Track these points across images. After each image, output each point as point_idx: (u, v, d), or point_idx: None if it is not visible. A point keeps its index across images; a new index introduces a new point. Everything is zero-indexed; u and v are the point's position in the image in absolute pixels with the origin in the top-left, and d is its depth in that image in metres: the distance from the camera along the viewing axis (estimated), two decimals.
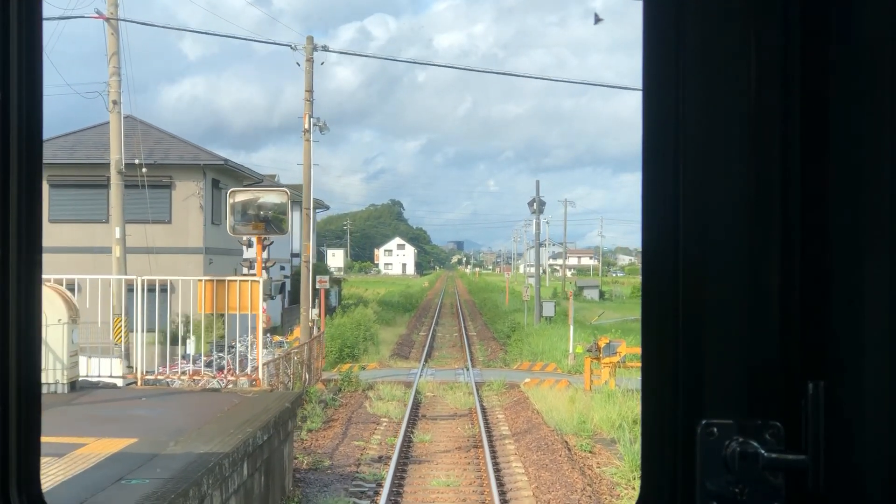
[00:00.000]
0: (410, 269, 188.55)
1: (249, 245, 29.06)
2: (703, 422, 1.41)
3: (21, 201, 1.56)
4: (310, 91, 23.97)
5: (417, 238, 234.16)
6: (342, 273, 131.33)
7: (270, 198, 17.60)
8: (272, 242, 30.38)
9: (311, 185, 25.29)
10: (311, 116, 24.16)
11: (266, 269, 30.17)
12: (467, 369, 28.45)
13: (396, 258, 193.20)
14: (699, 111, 1.43)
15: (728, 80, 1.43)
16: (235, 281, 13.49)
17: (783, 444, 1.40)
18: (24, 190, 1.57)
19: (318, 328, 30.01)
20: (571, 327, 29.22)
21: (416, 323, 52.53)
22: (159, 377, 13.64)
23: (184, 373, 15.29)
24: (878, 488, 1.37)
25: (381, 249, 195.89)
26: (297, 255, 51.38)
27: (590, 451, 16.77)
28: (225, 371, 18.34)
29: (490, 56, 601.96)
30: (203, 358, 20.33)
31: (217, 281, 13.46)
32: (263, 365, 17.14)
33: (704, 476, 1.41)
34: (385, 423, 19.30)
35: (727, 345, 1.43)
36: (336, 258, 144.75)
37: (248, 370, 14.27)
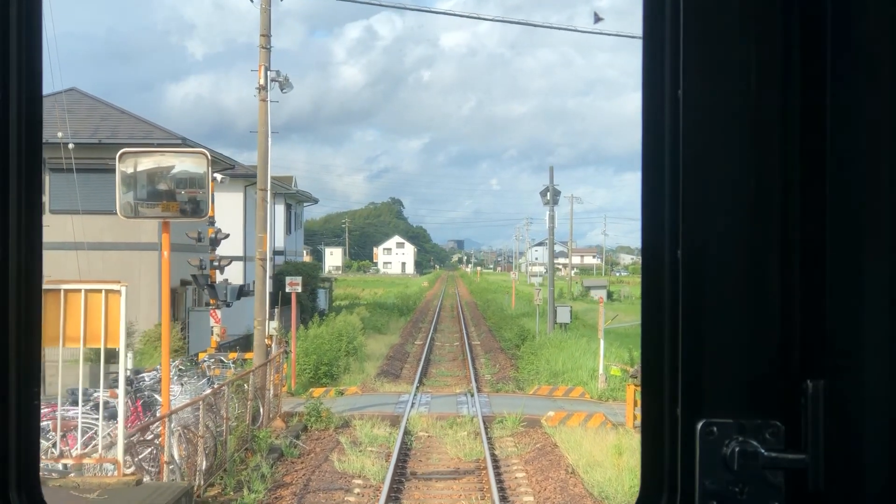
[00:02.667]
0: (410, 268, 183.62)
1: (199, 240, 23.51)
2: (703, 421, 1.40)
3: (21, 205, 1.53)
4: (266, 35, 18.27)
5: (417, 236, 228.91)
6: (339, 272, 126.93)
7: (185, 165, 11.93)
8: (227, 236, 24.87)
9: (268, 157, 19.57)
10: (266, 69, 18.47)
11: (221, 268, 24.40)
12: (472, 395, 22.63)
13: (396, 257, 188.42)
14: (699, 111, 1.42)
15: (728, 80, 1.42)
16: (78, 291, 7.78)
17: (783, 443, 1.39)
18: (23, 192, 1.54)
19: (287, 343, 24.39)
20: (602, 342, 23.44)
21: (411, 329, 46.61)
22: None
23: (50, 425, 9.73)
24: (878, 488, 1.36)
25: (381, 248, 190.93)
26: (281, 253, 45.97)
27: None
28: (129, 417, 12.77)
29: (496, 55, 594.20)
30: (107, 394, 14.67)
31: (47, 291, 7.76)
32: (172, 414, 11.48)
33: (704, 475, 1.39)
34: (358, 490, 13.60)
35: (727, 344, 1.41)
36: (334, 257, 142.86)
37: (101, 449, 8.53)
